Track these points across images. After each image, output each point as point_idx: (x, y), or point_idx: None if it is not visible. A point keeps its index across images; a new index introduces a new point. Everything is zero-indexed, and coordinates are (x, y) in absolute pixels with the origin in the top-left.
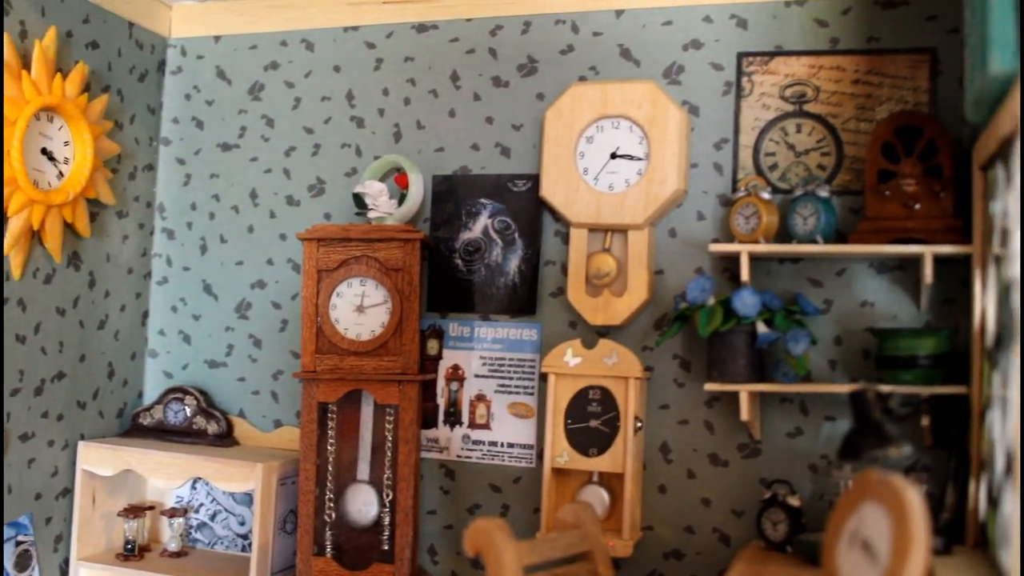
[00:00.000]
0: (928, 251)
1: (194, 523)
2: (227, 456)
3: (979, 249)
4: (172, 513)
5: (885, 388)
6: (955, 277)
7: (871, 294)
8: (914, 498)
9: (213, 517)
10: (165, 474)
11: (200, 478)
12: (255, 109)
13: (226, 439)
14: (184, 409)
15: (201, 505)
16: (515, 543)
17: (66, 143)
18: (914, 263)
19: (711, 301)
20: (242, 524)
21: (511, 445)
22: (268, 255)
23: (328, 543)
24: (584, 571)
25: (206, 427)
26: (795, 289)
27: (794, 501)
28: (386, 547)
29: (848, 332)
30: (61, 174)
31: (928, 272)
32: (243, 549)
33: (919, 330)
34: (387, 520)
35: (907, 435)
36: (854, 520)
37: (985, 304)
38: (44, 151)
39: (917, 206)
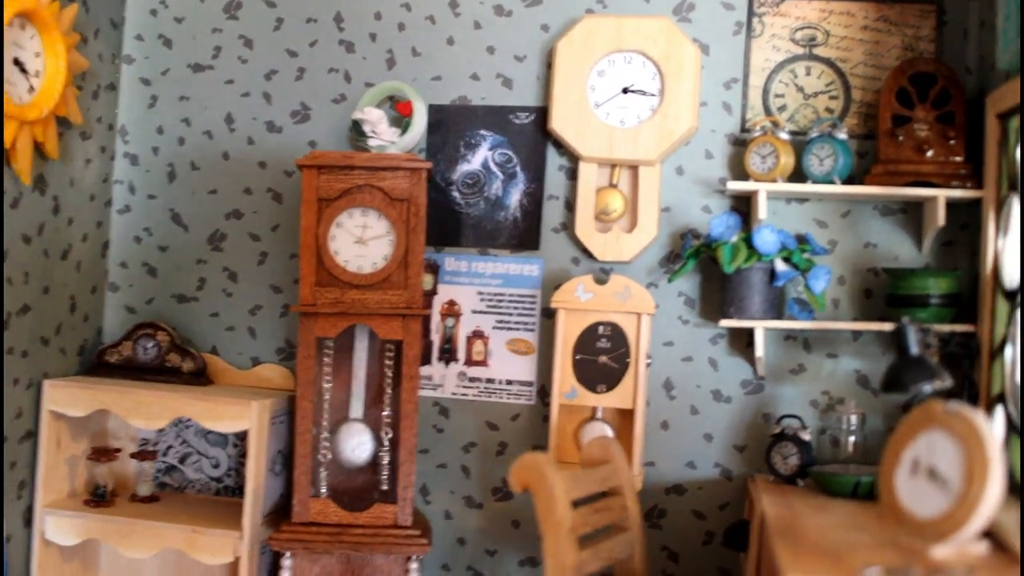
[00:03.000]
0: (942, 194)
1: (161, 467)
2: (210, 394)
3: (992, 193)
4: (143, 456)
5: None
6: (955, 221)
7: (874, 235)
8: (987, 427)
9: (183, 460)
10: (146, 414)
11: (184, 417)
12: (231, 28)
13: (201, 377)
14: (156, 345)
15: (169, 448)
16: (564, 478)
17: (37, 54)
18: (916, 206)
19: (735, 238)
20: (216, 467)
21: (509, 382)
22: (245, 184)
23: (323, 484)
24: (616, 505)
25: (180, 364)
26: (801, 229)
27: (805, 435)
28: (385, 487)
29: (852, 272)
30: (32, 88)
31: (941, 215)
32: (217, 492)
33: (932, 270)
34: (386, 460)
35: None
36: (914, 449)
37: (999, 246)
38: (16, 62)
39: (930, 151)
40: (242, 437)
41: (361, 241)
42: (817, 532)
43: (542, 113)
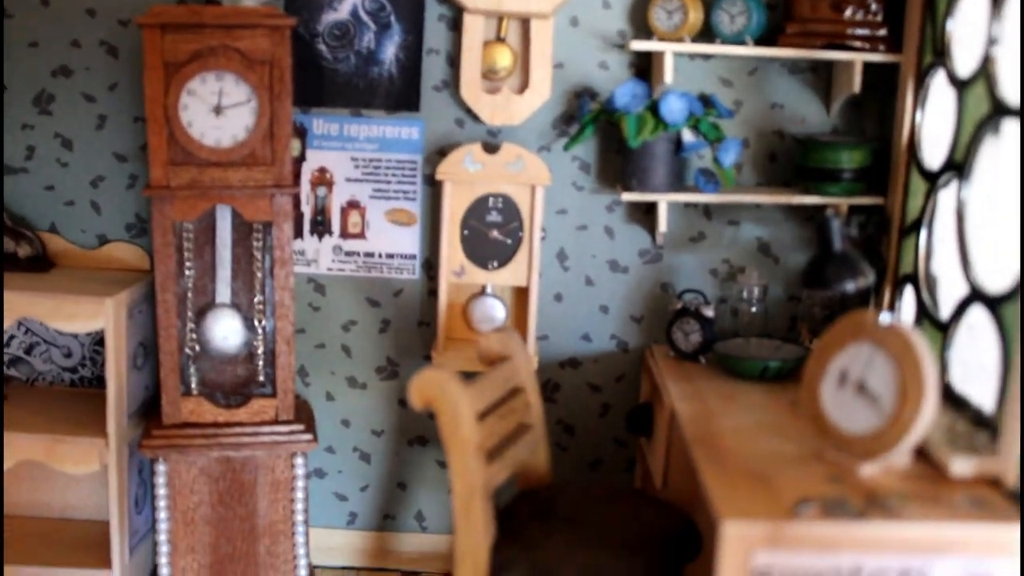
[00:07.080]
0: (860, 59)
1: (5, 358)
2: (56, 286)
3: (912, 59)
4: None
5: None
6: (865, 82)
7: (781, 95)
8: (924, 347)
9: (29, 350)
10: None
11: (28, 318)
12: None
13: (41, 262)
14: None
15: (12, 338)
16: (468, 393)
17: None
18: (826, 66)
19: (641, 109)
20: (68, 356)
21: (390, 256)
22: (72, 35)
23: (194, 380)
24: (520, 404)
25: (16, 250)
26: (705, 88)
27: (708, 311)
28: (262, 379)
29: (757, 135)
30: None
31: (857, 81)
32: (72, 384)
33: (846, 144)
34: (260, 349)
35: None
36: (842, 360)
37: (917, 118)
38: None
39: (848, 10)
40: None
41: (218, 110)
42: (736, 442)
43: None
